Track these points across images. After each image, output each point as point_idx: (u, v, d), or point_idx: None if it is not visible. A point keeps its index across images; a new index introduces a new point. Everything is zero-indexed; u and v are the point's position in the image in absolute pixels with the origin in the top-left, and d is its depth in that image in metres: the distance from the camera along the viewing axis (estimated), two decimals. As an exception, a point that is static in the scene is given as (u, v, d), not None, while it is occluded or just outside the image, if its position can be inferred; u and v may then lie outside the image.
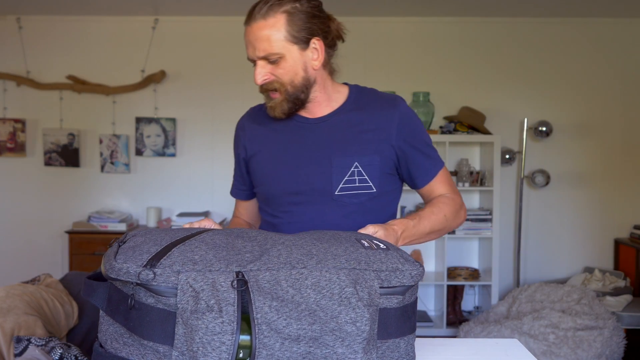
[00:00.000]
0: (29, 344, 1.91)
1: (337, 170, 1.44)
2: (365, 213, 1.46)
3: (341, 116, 1.48)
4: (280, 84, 1.40)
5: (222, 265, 0.94)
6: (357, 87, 1.55)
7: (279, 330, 0.89)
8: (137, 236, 1.03)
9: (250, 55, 1.39)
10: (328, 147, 1.45)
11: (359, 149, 1.44)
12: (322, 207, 1.46)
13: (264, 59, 1.38)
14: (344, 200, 1.44)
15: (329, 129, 1.47)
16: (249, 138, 1.55)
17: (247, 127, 1.58)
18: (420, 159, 1.50)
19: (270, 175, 1.50)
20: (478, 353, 1.26)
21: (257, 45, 1.36)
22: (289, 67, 1.39)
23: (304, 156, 1.46)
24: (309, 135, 1.47)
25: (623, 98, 4.47)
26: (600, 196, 4.49)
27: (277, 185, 1.49)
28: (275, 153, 1.50)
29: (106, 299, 0.98)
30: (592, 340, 3.39)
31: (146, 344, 0.91)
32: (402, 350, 1.02)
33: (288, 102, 1.42)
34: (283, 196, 1.49)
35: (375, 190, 1.45)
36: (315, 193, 1.45)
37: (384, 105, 1.48)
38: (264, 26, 1.35)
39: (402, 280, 1.01)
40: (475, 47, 4.48)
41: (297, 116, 1.49)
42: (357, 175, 1.44)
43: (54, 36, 4.49)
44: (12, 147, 4.46)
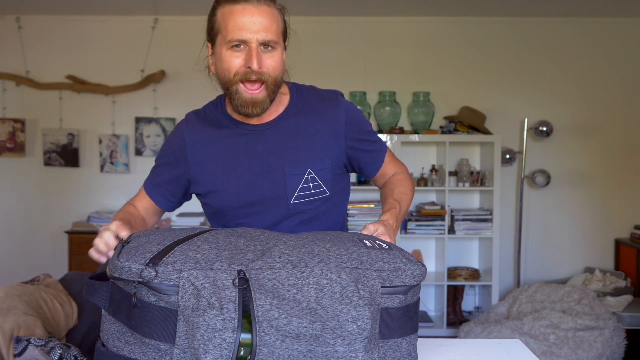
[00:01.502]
0: (29, 344, 1.90)
1: (291, 179, 1.39)
2: (319, 216, 1.44)
3: (287, 120, 1.42)
4: (270, 78, 1.32)
5: (223, 263, 0.94)
6: (297, 87, 1.50)
7: (279, 328, 0.89)
8: (140, 236, 1.04)
9: (246, 36, 1.28)
10: (279, 155, 1.40)
11: (310, 154, 1.40)
12: (276, 217, 1.41)
13: (262, 45, 1.30)
14: (300, 207, 1.41)
15: (278, 135, 1.41)
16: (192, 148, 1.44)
17: (188, 136, 1.45)
18: (368, 151, 1.49)
19: (221, 188, 1.42)
20: (480, 353, 1.26)
21: (260, 28, 1.28)
22: (280, 61, 1.35)
23: (255, 166, 1.40)
24: (257, 144, 1.40)
25: (624, 98, 4.47)
26: (601, 196, 4.49)
27: (229, 198, 1.42)
28: (224, 164, 1.41)
29: (108, 298, 0.98)
30: (593, 340, 3.39)
31: (148, 342, 0.92)
32: (404, 350, 1.02)
33: (269, 99, 1.34)
34: (236, 209, 1.42)
35: (328, 194, 1.42)
36: (269, 204, 1.41)
37: (327, 104, 1.45)
38: (269, 12, 1.31)
39: (404, 280, 1.01)
40: (475, 46, 4.47)
41: (240, 123, 1.42)
42: (311, 182, 1.41)
43: (53, 36, 4.48)
44: (12, 147, 4.45)
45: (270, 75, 1.32)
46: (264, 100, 1.33)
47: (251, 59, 1.28)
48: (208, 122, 1.46)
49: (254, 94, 1.31)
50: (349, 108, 1.47)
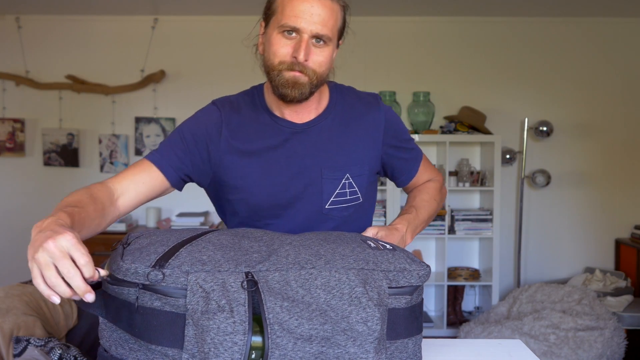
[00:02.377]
0: (28, 345, 1.90)
1: (328, 183, 1.35)
2: (350, 223, 1.40)
3: (327, 121, 1.38)
4: (314, 73, 1.27)
5: (230, 265, 0.93)
6: (337, 86, 1.45)
7: (291, 330, 0.89)
8: (141, 237, 1.02)
9: (300, 25, 1.23)
10: (317, 157, 1.35)
11: (349, 159, 1.37)
12: (307, 221, 1.36)
13: (313, 37, 1.25)
14: (333, 214, 1.36)
15: (317, 136, 1.36)
16: (228, 137, 1.35)
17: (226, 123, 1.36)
18: (403, 158, 1.47)
19: (253, 185, 1.34)
20: (481, 354, 1.25)
21: (317, 20, 1.23)
22: (329, 58, 1.29)
23: (291, 166, 1.34)
24: (296, 143, 1.35)
25: (624, 98, 4.47)
26: (601, 196, 4.49)
27: (261, 196, 1.34)
28: (259, 160, 1.34)
29: (104, 306, 0.96)
30: (593, 340, 3.38)
31: (154, 349, 0.90)
32: (410, 350, 1.02)
33: (310, 91, 1.29)
34: (269, 208, 1.36)
35: (361, 200, 1.39)
36: (302, 207, 1.35)
37: (366, 107, 1.41)
38: (330, 6, 1.26)
39: (410, 280, 1.01)
40: (475, 46, 4.47)
41: (280, 120, 1.36)
42: (347, 188, 1.37)
43: (53, 36, 4.48)
44: (12, 147, 4.45)
45: (315, 71, 1.27)
46: (305, 84, 1.27)
47: (299, 50, 1.24)
48: (245, 113, 1.39)
49: (296, 75, 1.26)
50: (388, 113, 1.43)
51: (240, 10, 4.30)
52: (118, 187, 1.28)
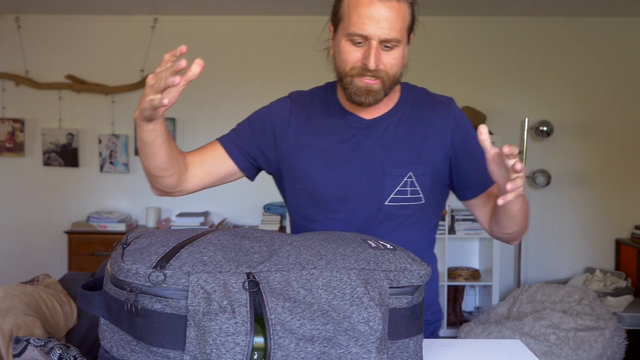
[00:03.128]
0: (28, 345, 1.89)
1: (390, 180, 1.34)
2: (411, 225, 1.38)
3: (395, 118, 1.38)
4: (387, 75, 1.27)
5: (232, 266, 0.93)
6: (409, 86, 1.45)
7: (293, 331, 0.88)
8: (141, 238, 1.01)
9: (368, 32, 1.22)
10: (381, 153, 1.35)
11: (413, 157, 1.35)
12: (367, 217, 1.36)
13: (382, 42, 1.24)
14: (393, 211, 1.35)
15: (383, 132, 1.37)
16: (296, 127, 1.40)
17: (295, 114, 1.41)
18: (474, 166, 1.38)
19: (316, 175, 1.37)
20: (481, 354, 1.25)
21: (384, 26, 1.22)
22: (400, 58, 1.29)
23: (355, 161, 1.35)
24: (362, 138, 1.37)
25: (624, 98, 4.47)
26: (602, 196, 4.48)
27: (323, 187, 1.37)
28: (323, 151, 1.37)
29: (105, 307, 0.96)
30: (593, 340, 3.38)
31: (155, 351, 0.90)
32: (411, 350, 1.02)
33: (384, 93, 1.29)
34: (329, 200, 1.37)
35: (424, 202, 1.36)
36: (363, 202, 1.35)
37: (436, 107, 1.39)
38: (397, 8, 1.24)
39: (411, 280, 1.01)
40: (475, 46, 4.47)
41: (350, 114, 1.38)
42: (409, 186, 1.34)
43: (52, 35, 4.47)
44: (11, 147, 4.45)
45: (387, 73, 1.27)
46: (379, 91, 1.28)
47: (369, 57, 1.23)
48: (316, 106, 1.42)
49: (369, 83, 1.27)
50: (459, 116, 1.40)
51: (240, 10, 4.30)
52: (189, 158, 1.39)
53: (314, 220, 1.40)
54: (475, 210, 1.45)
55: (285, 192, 1.46)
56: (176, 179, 1.36)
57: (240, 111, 4.65)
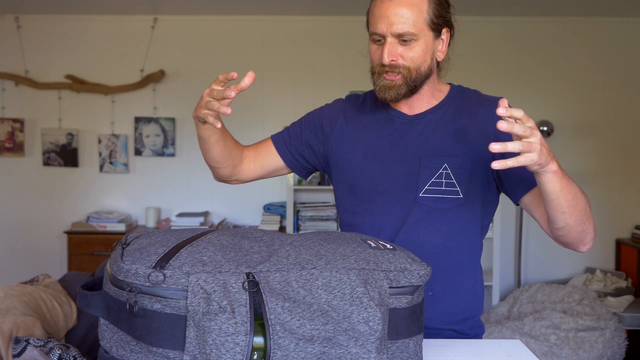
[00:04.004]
0: (28, 345, 1.89)
1: (425, 171, 1.35)
2: (450, 221, 1.36)
3: (438, 114, 1.40)
4: (406, 69, 1.31)
5: (231, 266, 0.93)
6: (460, 87, 1.48)
7: (292, 331, 0.88)
8: (140, 238, 1.02)
9: (381, 29, 1.29)
10: (419, 146, 1.38)
11: (450, 149, 1.35)
12: (404, 209, 1.37)
13: (397, 37, 1.29)
14: (429, 204, 1.35)
15: (424, 127, 1.39)
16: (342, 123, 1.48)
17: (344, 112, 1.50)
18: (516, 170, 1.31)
19: (359, 168, 1.42)
20: (480, 354, 1.25)
21: (395, 21, 1.27)
22: (421, 52, 1.32)
23: (394, 154, 1.39)
24: (403, 133, 1.40)
25: (624, 98, 4.46)
26: (602, 196, 4.48)
27: (364, 178, 1.41)
28: (366, 145, 1.43)
29: (105, 308, 0.96)
30: (594, 341, 3.38)
31: (155, 351, 0.90)
32: (411, 350, 1.02)
33: (407, 87, 1.33)
34: (368, 192, 1.41)
35: (462, 197, 1.34)
36: (399, 193, 1.37)
37: (484, 105, 1.39)
38: (408, 3, 1.28)
39: (411, 280, 1.01)
40: (475, 46, 4.47)
41: (393, 110, 1.43)
42: (444, 178, 1.34)
43: (52, 35, 4.47)
44: (11, 147, 4.44)
45: (407, 68, 1.32)
46: (400, 86, 1.33)
47: (382, 54, 1.31)
48: (366, 104, 1.49)
49: (389, 79, 1.33)
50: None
51: (240, 10, 4.30)
52: (246, 151, 1.54)
53: (353, 212, 1.45)
54: (532, 211, 1.38)
55: (333, 185, 1.53)
56: (230, 170, 1.50)
57: (240, 111, 4.67)
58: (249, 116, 4.39)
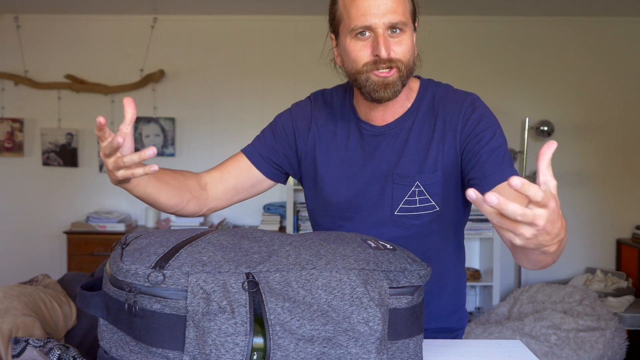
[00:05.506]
0: (27, 345, 1.89)
1: (398, 189, 1.29)
2: (430, 234, 1.32)
3: (408, 123, 1.32)
4: (402, 63, 1.21)
5: (231, 266, 0.93)
6: (430, 83, 1.37)
7: (292, 331, 0.88)
8: (140, 238, 1.02)
9: (371, 21, 1.17)
10: (392, 161, 1.31)
11: (421, 166, 1.28)
12: (379, 227, 1.32)
13: (390, 28, 1.19)
14: (404, 221, 1.30)
15: (395, 139, 1.31)
16: (315, 132, 1.38)
17: (315, 118, 1.39)
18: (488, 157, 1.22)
19: (333, 184, 1.36)
20: (481, 354, 1.24)
21: (386, 10, 1.17)
22: (410, 45, 1.22)
23: (367, 169, 1.32)
24: (375, 146, 1.33)
25: (625, 98, 4.46)
26: (602, 196, 4.48)
27: (338, 195, 1.35)
28: (338, 160, 1.36)
29: (104, 308, 0.96)
30: (594, 341, 3.38)
31: (155, 351, 0.90)
32: (411, 350, 1.02)
33: (401, 84, 1.23)
34: (342, 209, 1.35)
35: (438, 209, 1.29)
36: (375, 210, 1.32)
37: (452, 102, 1.30)
38: None
39: (411, 280, 1.01)
40: (475, 46, 4.46)
41: (362, 122, 1.34)
42: (417, 195, 1.29)
43: (52, 35, 4.47)
44: (10, 146, 4.44)
45: (402, 62, 1.21)
46: (396, 82, 1.21)
47: (378, 47, 1.17)
48: (334, 109, 1.39)
49: (385, 76, 1.20)
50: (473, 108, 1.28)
51: (240, 10, 4.29)
52: (207, 175, 1.40)
53: (328, 228, 1.39)
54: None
55: (305, 198, 1.46)
56: (195, 204, 1.37)
57: (240, 111, 4.67)
58: (249, 116, 4.38)
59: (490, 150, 1.23)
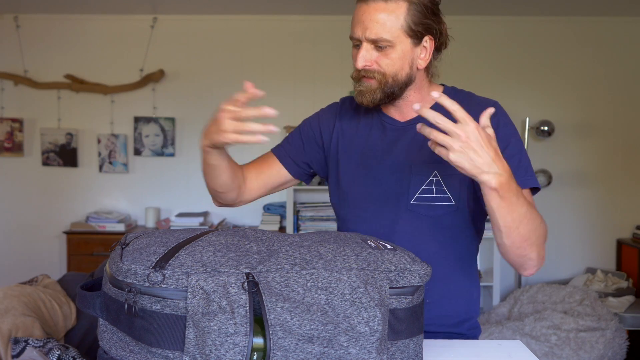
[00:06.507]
0: (27, 346, 1.89)
1: (416, 178, 1.35)
2: (445, 228, 1.35)
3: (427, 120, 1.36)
4: (382, 75, 1.30)
5: (231, 266, 0.93)
6: (453, 89, 1.47)
7: (292, 332, 0.88)
8: (140, 238, 1.01)
9: (357, 34, 1.30)
10: (410, 153, 1.37)
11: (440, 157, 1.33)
12: (396, 216, 1.36)
13: (372, 43, 1.29)
14: (420, 211, 1.34)
15: (415, 133, 1.36)
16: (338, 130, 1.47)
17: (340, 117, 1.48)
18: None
19: (352, 175, 1.42)
20: (481, 354, 1.24)
21: (369, 26, 1.27)
22: (397, 59, 1.30)
23: (386, 161, 1.39)
24: (394, 140, 1.39)
25: (625, 97, 4.46)
26: (603, 196, 4.48)
27: (356, 186, 1.41)
28: (360, 153, 1.42)
29: (104, 308, 0.95)
30: (595, 341, 3.37)
31: (154, 352, 0.90)
32: (411, 351, 1.02)
33: (382, 92, 1.32)
34: (359, 199, 1.40)
35: (454, 204, 1.34)
36: (390, 199, 1.37)
37: (475, 108, 1.33)
38: (384, 9, 1.28)
39: (411, 280, 1.01)
40: (475, 46, 4.46)
41: (385, 117, 1.42)
42: (434, 185, 1.34)
43: (51, 35, 4.47)
44: (10, 146, 4.44)
45: (382, 73, 1.30)
46: (374, 91, 1.31)
47: (356, 58, 1.32)
48: (360, 108, 1.47)
49: (366, 82, 1.33)
50: (499, 116, 1.35)
51: (240, 9, 4.29)
52: (246, 171, 1.50)
53: (345, 219, 1.45)
54: None
55: (330, 194, 1.53)
56: (236, 194, 1.47)
57: (240, 111, 4.65)
58: (249, 116, 4.37)
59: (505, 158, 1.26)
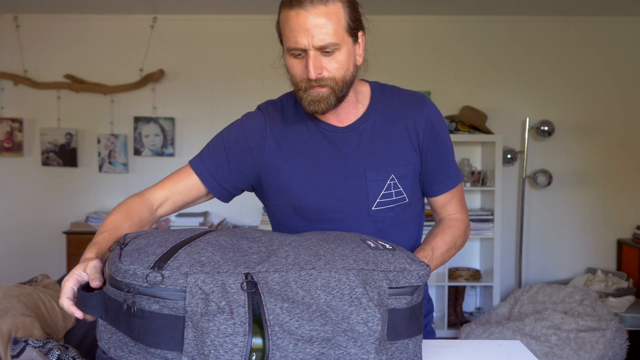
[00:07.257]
0: (27, 346, 1.89)
1: (373, 185, 1.35)
2: (399, 224, 1.39)
3: (369, 123, 1.37)
4: (333, 80, 1.25)
5: (230, 266, 0.92)
6: (379, 86, 1.43)
7: (291, 332, 0.88)
8: (139, 238, 1.01)
9: (302, 44, 1.21)
10: (361, 159, 1.35)
11: (393, 160, 1.36)
12: (356, 224, 1.36)
13: (319, 50, 1.22)
14: (380, 214, 1.36)
15: (359, 138, 1.35)
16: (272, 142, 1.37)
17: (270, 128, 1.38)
18: (441, 166, 1.41)
19: (300, 189, 1.36)
20: (480, 355, 1.24)
21: (315, 33, 1.20)
22: (344, 61, 1.26)
23: (336, 170, 1.35)
24: (339, 146, 1.36)
25: (626, 97, 4.46)
26: (603, 196, 4.47)
27: (310, 199, 1.36)
28: (304, 164, 1.36)
29: (103, 308, 0.95)
30: (595, 341, 3.37)
31: (153, 352, 0.89)
32: (410, 351, 1.01)
33: (336, 97, 1.27)
34: (316, 211, 1.36)
35: (407, 200, 1.38)
36: (350, 210, 1.36)
37: (410, 105, 1.38)
38: (326, 12, 1.21)
39: (410, 280, 1.01)
40: (476, 46, 4.46)
41: (322, 123, 1.37)
42: (393, 188, 1.36)
43: (51, 35, 4.46)
44: (10, 146, 4.44)
45: (334, 78, 1.26)
46: (328, 97, 1.27)
47: (308, 69, 1.23)
48: (288, 116, 1.40)
49: (317, 91, 1.26)
50: (433, 112, 1.40)
51: (240, 9, 4.29)
52: (158, 197, 1.36)
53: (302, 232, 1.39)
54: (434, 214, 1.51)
55: (268, 207, 1.45)
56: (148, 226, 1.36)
57: (240, 111, 4.64)
58: (249, 116, 4.37)
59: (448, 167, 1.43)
